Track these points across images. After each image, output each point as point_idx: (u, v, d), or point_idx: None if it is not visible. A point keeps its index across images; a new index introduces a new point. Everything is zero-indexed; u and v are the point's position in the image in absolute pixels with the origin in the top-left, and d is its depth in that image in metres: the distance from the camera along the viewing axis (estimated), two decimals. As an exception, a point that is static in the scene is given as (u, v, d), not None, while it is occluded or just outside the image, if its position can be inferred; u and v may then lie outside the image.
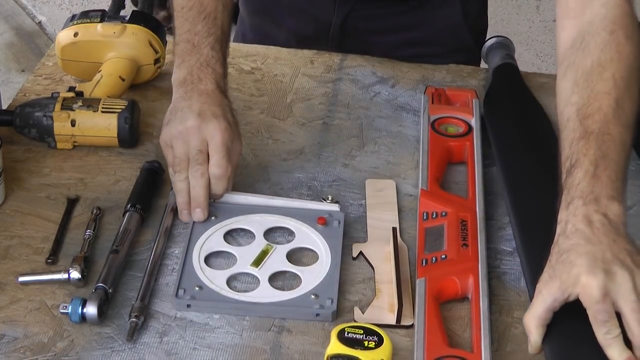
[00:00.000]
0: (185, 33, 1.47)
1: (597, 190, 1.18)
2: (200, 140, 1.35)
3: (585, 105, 1.26)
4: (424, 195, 1.41)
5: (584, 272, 1.12)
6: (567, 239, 1.16)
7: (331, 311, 1.22)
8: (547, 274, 1.17)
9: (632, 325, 1.10)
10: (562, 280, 1.14)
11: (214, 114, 1.37)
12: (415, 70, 1.76)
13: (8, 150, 1.48)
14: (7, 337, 1.19)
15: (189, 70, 1.43)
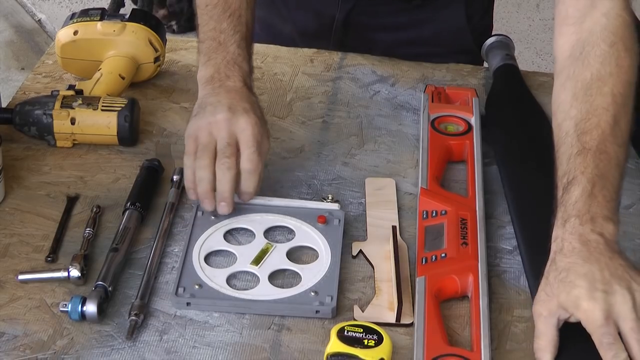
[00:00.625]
0: (211, 31, 1.46)
1: (593, 210, 1.19)
2: (229, 133, 1.34)
3: (583, 120, 1.27)
4: (423, 194, 1.41)
5: (584, 296, 1.13)
6: (564, 256, 1.17)
7: (331, 308, 1.22)
8: (544, 293, 1.17)
9: (633, 345, 1.11)
10: (561, 300, 1.15)
11: (245, 109, 1.36)
12: (415, 69, 1.76)
13: (8, 149, 1.48)
14: (7, 335, 1.19)
15: (216, 68, 1.43)
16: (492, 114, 1.61)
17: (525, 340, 1.22)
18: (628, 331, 1.12)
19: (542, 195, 1.42)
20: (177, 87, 1.69)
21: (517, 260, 1.34)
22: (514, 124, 1.55)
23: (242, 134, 1.34)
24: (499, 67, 1.70)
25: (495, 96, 1.65)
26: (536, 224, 1.38)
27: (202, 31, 1.48)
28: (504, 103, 1.63)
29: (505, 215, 1.42)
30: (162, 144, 1.54)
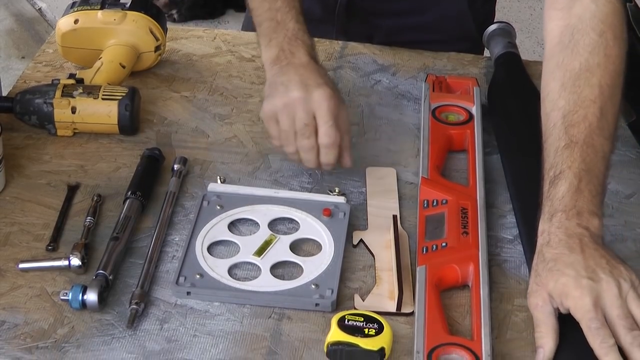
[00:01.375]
0: (266, 12, 1.47)
1: (579, 205, 1.21)
2: (306, 112, 1.35)
3: (571, 112, 1.28)
4: (424, 183, 1.41)
5: (572, 284, 1.15)
6: (551, 248, 1.20)
7: (331, 301, 1.22)
8: (534, 284, 1.20)
9: (620, 332, 1.12)
10: (549, 289, 1.17)
11: (317, 83, 1.37)
12: (416, 59, 1.76)
13: (8, 137, 1.48)
14: (8, 324, 1.19)
15: (280, 47, 1.43)
16: (494, 104, 1.61)
17: (526, 329, 1.22)
18: (615, 318, 1.13)
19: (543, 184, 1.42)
20: (178, 76, 1.69)
21: (518, 249, 1.34)
22: (515, 113, 1.55)
23: (318, 110, 1.35)
24: (500, 55, 1.70)
25: (496, 85, 1.65)
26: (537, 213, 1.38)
27: (257, 14, 1.48)
28: (505, 92, 1.62)
29: (506, 205, 1.42)
30: (162, 133, 1.54)
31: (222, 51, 1.75)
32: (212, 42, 1.78)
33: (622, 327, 1.13)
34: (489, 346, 1.15)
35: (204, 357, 1.16)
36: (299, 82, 1.37)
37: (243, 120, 1.58)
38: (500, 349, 1.18)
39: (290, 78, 1.38)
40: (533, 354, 1.18)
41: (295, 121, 1.36)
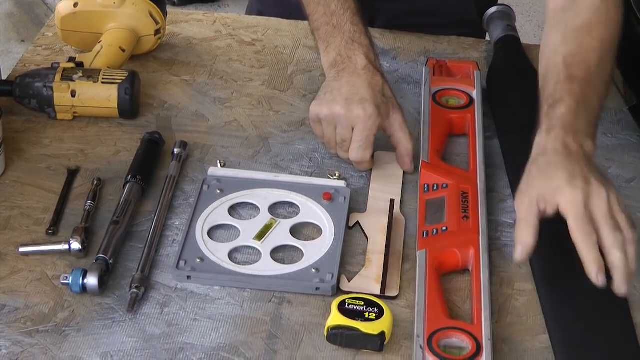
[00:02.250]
0: (323, 16, 1.48)
1: (576, 125, 1.27)
2: (346, 128, 1.39)
3: (572, 55, 1.34)
4: (425, 167, 1.41)
5: (565, 183, 1.20)
6: (547, 156, 1.25)
7: (331, 285, 1.22)
8: (524, 185, 1.24)
9: (604, 230, 1.17)
10: (541, 189, 1.21)
11: (362, 99, 1.38)
12: (417, 42, 1.76)
13: (8, 121, 1.48)
14: (8, 308, 1.19)
15: (337, 51, 1.44)
16: (492, 87, 1.61)
17: (526, 313, 1.22)
18: (601, 217, 1.18)
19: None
20: (178, 60, 1.68)
21: (519, 233, 1.34)
22: (515, 97, 1.55)
23: (355, 128, 1.38)
24: (500, 38, 1.69)
25: (496, 69, 1.64)
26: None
27: (313, 19, 1.50)
28: (505, 76, 1.62)
29: (507, 189, 1.42)
30: (162, 116, 1.54)
31: (222, 35, 1.75)
32: (212, 25, 1.77)
33: (606, 227, 1.17)
34: (489, 330, 1.15)
35: (204, 341, 1.16)
36: (345, 96, 1.39)
37: (243, 104, 1.57)
38: (500, 333, 1.18)
39: (340, 86, 1.41)
40: (533, 339, 1.18)
41: (337, 132, 1.40)
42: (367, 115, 1.37)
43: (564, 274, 1.25)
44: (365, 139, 1.38)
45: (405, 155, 1.42)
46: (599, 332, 1.18)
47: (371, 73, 1.42)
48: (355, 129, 1.38)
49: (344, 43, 1.44)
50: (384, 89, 1.42)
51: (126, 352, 1.14)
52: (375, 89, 1.40)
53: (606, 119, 1.58)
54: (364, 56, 1.43)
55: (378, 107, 1.38)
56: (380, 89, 1.41)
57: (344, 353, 1.15)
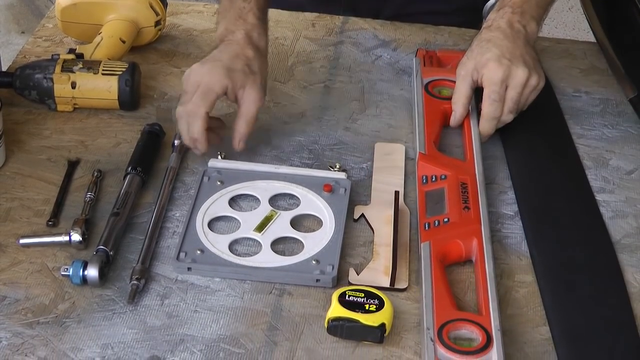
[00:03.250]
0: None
1: (525, 8, 1.44)
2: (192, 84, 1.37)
3: None
4: (422, 159, 1.40)
5: (493, 58, 1.40)
6: (489, 31, 1.44)
7: (331, 277, 1.22)
8: (465, 57, 1.45)
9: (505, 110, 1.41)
10: (475, 62, 1.42)
11: (216, 60, 1.39)
12: (417, 34, 1.75)
13: (8, 112, 1.48)
14: (9, 299, 1.19)
15: (225, 26, 1.46)
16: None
17: (527, 305, 1.22)
18: (508, 99, 1.40)
19: (543, 160, 1.42)
20: (178, 51, 1.68)
21: (519, 225, 1.34)
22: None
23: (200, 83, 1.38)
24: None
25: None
26: (537, 189, 1.38)
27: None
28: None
29: (507, 181, 1.42)
30: (163, 108, 1.54)
31: (222, 26, 1.75)
32: (213, 17, 1.77)
33: (507, 108, 1.41)
34: (497, 321, 1.14)
35: (205, 332, 1.16)
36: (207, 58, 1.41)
37: (244, 96, 1.57)
38: (501, 324, 1.18)
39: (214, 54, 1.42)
40: (534, 330, 1.18)
41: None
42: (215, 71, 1.37)
43: (565, 266, 1.25)
44: (205, 90, 1.36)
45: (236, 135, 1.41)
46: (599, 324, 1.18)
47: (242, 45, 1.42)
48: (201, 82, 1.37)
49: (232, 19, 1.46)
50: (252, 62, 1.41)
51: (126, 344, 1.14)
52: (238, 58, 1.40)
53: (607, 110, 1.58)
54: (244, 32, 1.44)
55: (229, 71, 1.38)
56: (246, 60, 1.41)
57: (344, 344, 1.15)
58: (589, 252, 1.29)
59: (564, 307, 1.20)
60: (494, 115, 1.41)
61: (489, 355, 1.10)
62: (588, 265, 1.27)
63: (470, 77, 1.43)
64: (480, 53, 1.42)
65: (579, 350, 1.15)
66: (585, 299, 1.21)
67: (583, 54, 1.73)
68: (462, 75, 1.44)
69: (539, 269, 1.26)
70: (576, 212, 1.36)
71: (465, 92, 1.44)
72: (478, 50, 1.43)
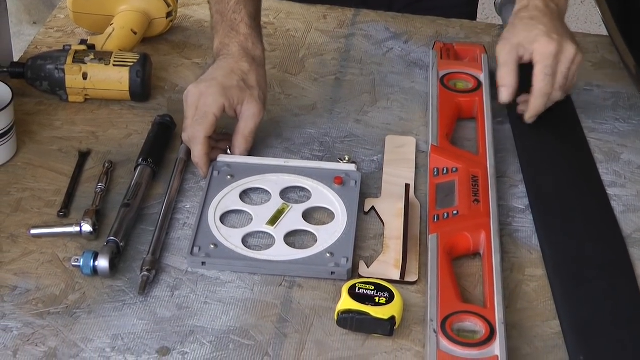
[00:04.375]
0: (215, 4, 1.48)
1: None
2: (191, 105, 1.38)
3: None
4: (434, 151, 1.40)
5: (543, 34, 1.41)
6: (528, 11, 1.45)
7: (346, 269, 1.22)
8: (507, 33, 1.45)
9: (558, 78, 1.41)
10: (521, 38, 1.42)
11: (212, 78, 1.39)
12: (429, 26, 1.75)
13: (20, 103, 1.48)
14: (20, 289, 1.20)
15: (220, 39, 1.46)
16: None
17: (537, 299, 1.22)
18: (559, 73, 1.41)
19: (554, 153, 1.42)
20: (190, 43, 1.68)
21: (529, 219, 1.34)
22: (526, 82, 1.54)
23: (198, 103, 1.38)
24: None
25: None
26: (548, 182, 1.38)
27: (210, 6, 1.51)
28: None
29: (518, 174, 1.42)
30: (174, 99, 1.54)
31: (233, 18, 1.74)
32: (224, 8, 1.77)
33: (558, 84, 1.41)
34: (502, 314, 1.14)
35: (215, 324, 1.16)
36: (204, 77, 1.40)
37: (255, 88, 1.57)
38: (510, 318, 1.18)
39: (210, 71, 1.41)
40: (543, 324, 1.18)
41: None
42: (210, 92, 1.37)
43: (575, 260, 1.25)
44: (203, 114, 1.36)
45: (235, 152, 1.40)
46: (610, 318, 1.18)
47: (237, 59, 1.42)
48: (198, 104, 1.37)
49: (225, 32, 1.45)
50: (248, 76, 1.40)
51: (137, 335, 1.14)
52: (233, 73, 1.40)
53: (619, 104, 1.58)
54: (238, 44, 1.43)
55: (225, 89, 1.37)
56: (242, 75, 1.40)
57: (354, 337, 1.15)
58: (600, 246, 1.29)
59: (574, 301, 1.19)
60: (546, 91, 1.41)
61: (491, 348, 1.10)
62: (599, 259, 1.26)
63: (515, 52, 1.42)
64: (527, 30, 1.42)
65: (589, 344, 1.14)
66: (595, 293, 1.21)
67: (595, 47, 1.73)
68: (507, 50, 1.43)
69: (550, 263, 1.26)
70: (587, 206, 1.36)
71: (512, 67, 1.43)
72: (522, 27, 1.43)
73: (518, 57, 1.42)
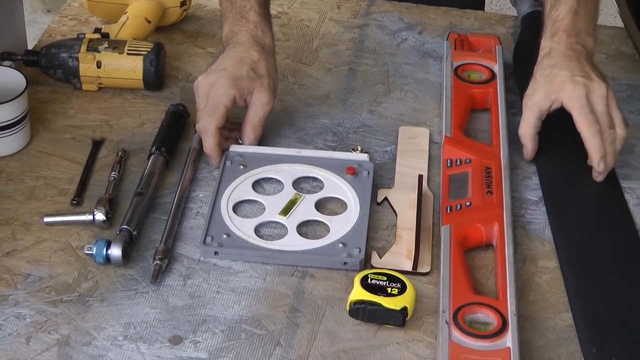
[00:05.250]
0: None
1: (578, 27, 1.39)
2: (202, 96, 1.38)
3: None
4: (447, 142, 1.40)
5: (567, 81, 1.34)
6: (550, 58, 1.38)
7: (359, 260, 1.22)
8: (531, 89, 1.39)
9: (601, 119, 1.32)
10: (546, 90, 1.36)
11: (221, 69, 1.39)
12: (443, 17, 1.75)
13: (34, 91, 1.48)
14: (33, 277, 1.20)
15: (229, 27, 1.45)
16: (520, 64, 1.60)
17: (549, 291, 1.21)
18: (600, 114, 1.32)
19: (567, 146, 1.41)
20: (203, 32, 1.68)
21: (543, 211, 1.34)
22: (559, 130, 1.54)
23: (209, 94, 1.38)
24: (527, 14, 1.68)
25: (521, 46, 1.63)
26: (561, 175, 1.38)
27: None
28: (530, 53, 1.61)
29: (531, 166, 1.41)
30: (187, 88, 1.54)
31: (247, 7, 1.74)
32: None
33: (604, 123, 1.32)
34: (514, 306, 1.14)
35: (227, 313, 1.17)
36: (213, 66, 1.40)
37: (268, 77, 1.57)
38: (523, 310, 1.18)
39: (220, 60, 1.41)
40: (556, 317, 1.18)
41: None
42: (220, 83, 1.37)
43: (588, 252, 1.25)
44: (213, 105, 1.36)
45: (244, 141, 1.40)
46: (622, 311, 1.17)
47: (247, 48, 1.41)
48: (209, 95, 1.37)
49: (234, 20, 1.45)
50: (257, 65, 1.40)
51: (149, 323, 1.15)
52: (243, 63, 1.39)
53: (634, 96, 1.57)
54: (247, 32, 1.43)
55: (235, 80, 1.37)
56: (252, 64, 1.40)
57: (365, 328, 1.15)
58: (613, 239, 1.28)
59: (587, 294, 1.19)
60: (594, 129, 1.31)
61: (503, 340, 1.10)
62: (612, 252, 1.26)
63: (538, 107, 1.37)
64: (549, 81, 1.36)
65: (601, 336, 1.14)
66: (608, 285, 1.20)
67: (610, 39, 1.72)
68: (529, 105, 1.38)
69: (562, 255, 1.26)
70: (600, 198, 1.36)
71: (532, 123, 1.38)
72: (544, 79, 1.37)
73: (541, 112, 1.37)
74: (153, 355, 1.11)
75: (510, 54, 1.63)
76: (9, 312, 1.15)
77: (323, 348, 1.13)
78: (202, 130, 1.36)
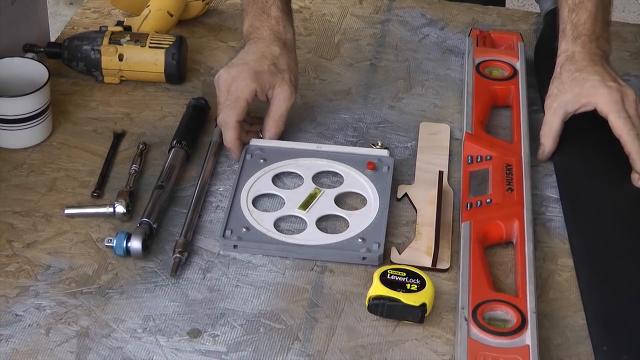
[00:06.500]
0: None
1: (597, 32, 1.42)
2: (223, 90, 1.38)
3: None
4: (468, 139, 1.40)
5: (600, 85, 1.34)
6: (576, 62, 1.39)
7: (378, 255, 1.22)
8: (556, 89, 1.38)
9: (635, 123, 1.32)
10: (575, 93, 1.36)
11: (243, 63, 1.39)
12: (465, 13, 1.74)
13: (56, 83, 1.49)
14: (53, 268, 1.20)
15: (250, 22, 1.45)
16: (541, 61, 1.59)
17: (569, 289, 1.21)
18: (634, 117, 1.33)
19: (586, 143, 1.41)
20: (225, 26, 1.68)
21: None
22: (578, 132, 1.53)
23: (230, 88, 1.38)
24: (549, 11, 1.67)
25: (543, 43, 1.63)
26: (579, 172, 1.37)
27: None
28: (552, 50, 1.60)
29: (551, 163, 1.41)
30: (209, 82, 1.54)
31: (269, 2, 1.74)
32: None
33: (639, 126, 1.32)
34: (534, 304, 1.14)
35: (246, 307, 1.17)
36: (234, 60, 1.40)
37: (289, 72, 1.57)
38: (542, 308, 1.17)
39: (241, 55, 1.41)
40: (575, 315, 1.17)
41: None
42: (241, 76, 1.36)
43: (603, 251, 1.24)
44: (234, 99, 1.36)
45: (266, 135, 1.40)
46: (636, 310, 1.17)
47: (268, 43, 1.41)
48: (230, 89, 1.37)
49: (256, 14, 1.44)
50: (279, 60, 1.40)
51: (168, 316, 1.15)
52: (264, 58, 1.39)
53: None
54: (269, 28, 1.43)
55: (256, 74, 1.37)
56: (273, 59, 1.39)
57: (384, 323, 1.15)
58: (630, 237, 1.28)
59: (599, 292, 1.19)
60: (634, 132, 1.32)
61: (522, 337, 1.10)
62: (627, 251, 1.25)
63: (564, 109, 1.37)
64: (578, 84, 1.36)
65: (612, 335, 1.13)
66: (621, 284, 1.20)
67: (633, 36, 1.71)
68: (554, 107, 1.38)
69: (577, 253, 1.25)
70: (618, 196, 1.35)
71: (556, 126, 1.38)
72: (572, 82, 1.37)
73: (565, 114, 1.37)
74: (172, 348, 1.11)
75: (532, 51, 1.62)
76: (29, 303, 1.16)
77: (341, 343, 1.13)
78: (222, 123, 1.37)
